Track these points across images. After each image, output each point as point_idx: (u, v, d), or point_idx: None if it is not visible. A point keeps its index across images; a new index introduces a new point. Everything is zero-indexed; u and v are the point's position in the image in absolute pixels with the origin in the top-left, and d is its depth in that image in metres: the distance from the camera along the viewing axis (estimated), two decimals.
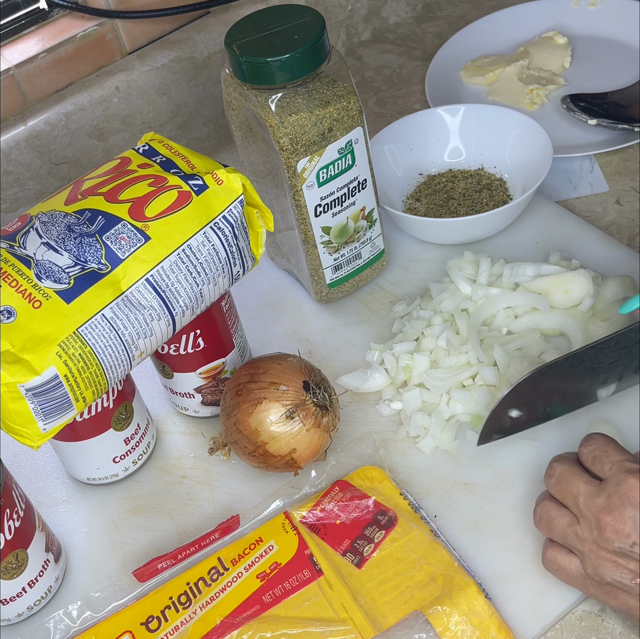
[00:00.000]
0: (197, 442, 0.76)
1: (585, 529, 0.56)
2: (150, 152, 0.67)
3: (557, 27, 1.09)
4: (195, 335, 0.71)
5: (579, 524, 0.56)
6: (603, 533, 0.54)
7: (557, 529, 0.58)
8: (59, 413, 0.60)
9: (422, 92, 1.07)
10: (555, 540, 0.59)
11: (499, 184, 0.90)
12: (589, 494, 0.56)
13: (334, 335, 0.82)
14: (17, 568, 0.63)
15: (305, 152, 0.71)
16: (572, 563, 0.57)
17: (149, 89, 0.99)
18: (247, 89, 0.71)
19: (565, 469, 0.58)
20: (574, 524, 0.57)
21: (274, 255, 0.88)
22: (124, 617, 0.64)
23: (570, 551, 0.58)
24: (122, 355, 0.62)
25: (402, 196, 0.91)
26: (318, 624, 0.61)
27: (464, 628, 0.60)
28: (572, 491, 0.57)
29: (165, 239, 0.62)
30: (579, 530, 0.56)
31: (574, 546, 0.57)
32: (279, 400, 0.66)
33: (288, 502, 0.69)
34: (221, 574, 0.65)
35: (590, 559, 0.55)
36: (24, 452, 0.77)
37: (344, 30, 1.14)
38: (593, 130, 0.95)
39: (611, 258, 0.82)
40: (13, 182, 0.96)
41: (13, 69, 0.93)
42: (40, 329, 0.58)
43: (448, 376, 0.73)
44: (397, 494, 0.68)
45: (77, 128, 0.97)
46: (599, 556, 0.55)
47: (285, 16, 0.71)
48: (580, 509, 0.56)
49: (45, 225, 0.62)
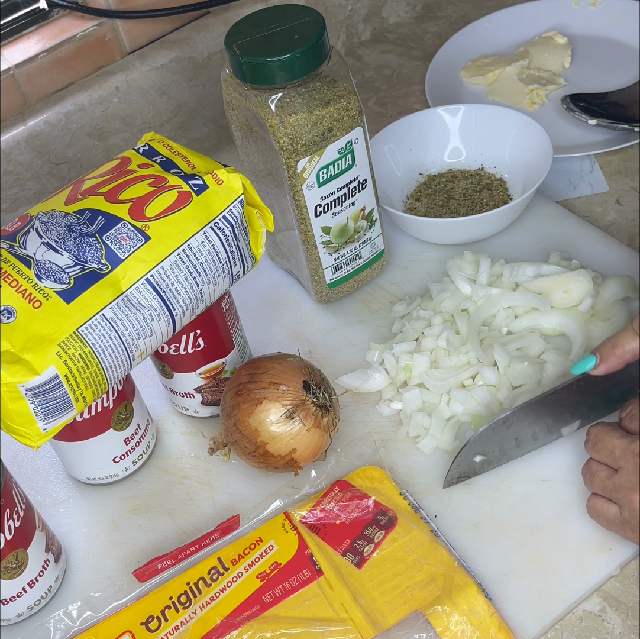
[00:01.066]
0: (197, 442, 0.76)
1: (623, 477, 0.59)
2: (150, 152, 0.67)
3: (557, 27, 1.09)
4: (195, 335, 0.71)
5: (616, 475, 0.59)
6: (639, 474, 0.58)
7: (597, 482, 0.61)
8: (59, 413, 0.60)
9: (422, 92, 1.07)
10: (597, 492, 0.62)
11: (499, 184, 0.90)
12: (624, 445, 0.59)
13: (334, 335, 0.82)
14: (17, 568, 0.63)
15: (305, 152, 0.71)
16: (611, 509, 0.61)
17: (149, 89, 0.99)
18: (247, 89, 0.71)
19: (599, 430, 0.62)
20: (612, 476, 0.60)
21: (274, 255, 0.88)
22: (124, 617, 0.64)
23: (610, 500, 0.61)
24: (122, 355, 0.62)
25: (402, 196, 0.91)
26: (318, 624, 0.61)
27: (464, 628, 0.60)
28: (607, 447, 0.60)
29: (166, 239, 0.62)
30: (617, 479, 0.59)
31: (612, 495, 0.60)
32: (279, 400, 0.66)
33: (288, 502, 0.69)
34: (221, 574, 0.65)
35: (627, 504, 0.59)
36: (24, 452, 0.77)
37: (344, 30, 1.14)
38: (593, 130, 0.95)
39: (611, 258, 0.82)
40: (13, 182, 0.96)
41: (13, 69, 0.93)
42: (41, 329, 0.58)
43: (448, 376, 0.73)
44: (397, 494, 0.68)
45: (77, 128, 0.97)
46: (634, 501, 0.58)
47: (285, 16, 0.71)
48: (617, 460, 0.60)
49: (45, 225, 0.62)
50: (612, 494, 0.60)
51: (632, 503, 0.58)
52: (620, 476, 0.59)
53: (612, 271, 0.80)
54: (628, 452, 0.59)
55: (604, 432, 0.61)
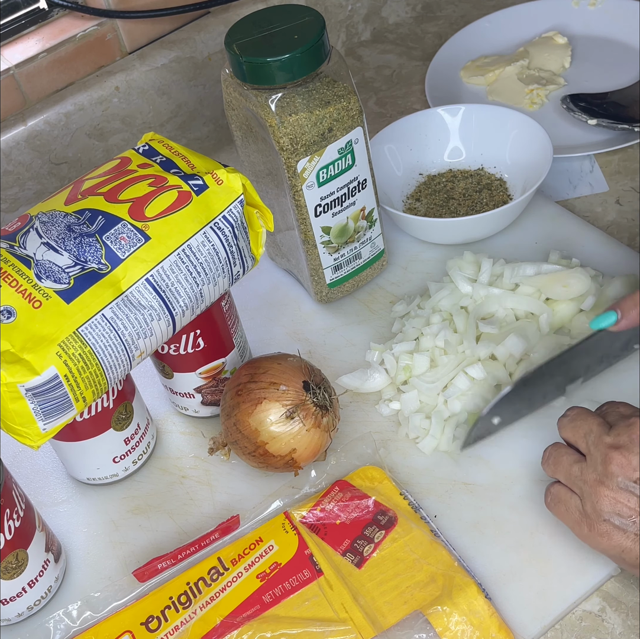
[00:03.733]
0: (197, 442, 0.76)
1: (590, 467, 0.57)
2: (150, 152, 0.67)
3: (557, 27, 1.09)
4: (195, 335, 0.71)
5: (584, 462, 0.58)
6: (608, 467, 0.56)
7: (563, 466, 0.59)
8: (59, 413, 0.60)
9: (422, 92, 1.07)
10: (559, 478, 0.60)
11: (499, 184, 0.90)
12: (600, 433, 0.58)
13: (334, 335, 0.82)
14: (17, 567, 0.63)
15: (305, 152, 0.71)
16: (572, 499, 0.59)
17: (149, 89, 0.99)
18: (247, 89, 0.71)
19: (582, 411, 0.61)
20: (580, 461, 0.58)
21: (274, 255, 0.88)
22: (124, 617, 0.64)
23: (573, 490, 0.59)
24: (122, 355, 0.62)
25: (402, 196, 0.91)
26: (318, 624, 0.61)
27: (464, 628, 0.60)
28: (584, 428, 0.59)
29: (165, 239, 0.62)
30: (584, 467, 0.58)
31: (576, 483, 0.58)
32: (279, 400, 0.66)
33: (288, 502, 0.69)
34: (221, 574, 0.65)
35: (590, 496, 0.57)
36: (24, 452, 0.77)
37: (344, 30, 1.14)
38: (593, 130, 0.95)
39: (611, 258, 0.82)
40: (13, 182, 0.96)
41: (13, 69, 0.93)
42: (40, 329, 0.58)
43: (442, 376, 0.73)
44: (397, 494, 0.68)
45: (77, 128, 0.97)
46: (599, 493, 0.56)
47: (285, 16, 0.71)
48: (589, 446, 0.58)
49: (45, 225, 0.62)
50: (576, 482, 0.58)
51: (595, 495, 0.56)
52: (588, 465, 0.57)
53: (612, 271, 0.80)
54: (600, 440, 0.57)
55: (586, 414, 0.60)
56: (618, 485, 0.55)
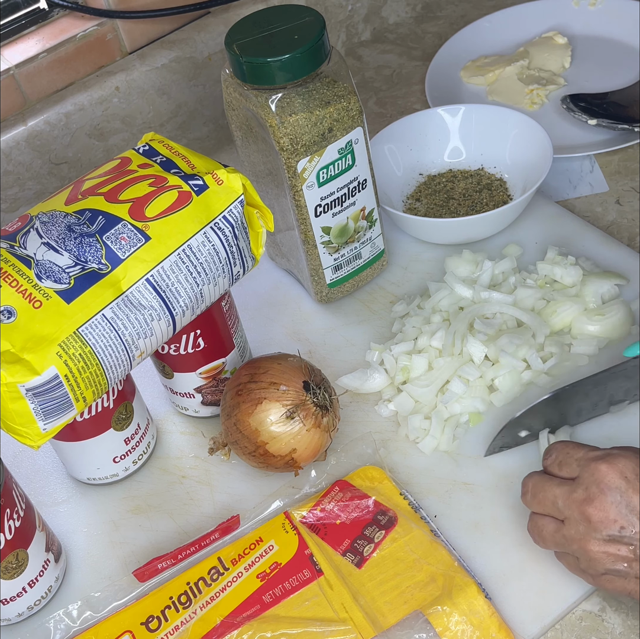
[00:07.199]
0: (197, 442, 0.76)
1: (571, 528, 0.56)
2: (151, 152, 0.67)
3: (557, 27, 1.09)
4: (196, 335, 0.71)
5: (564, 526, 0.57)
6: (590, 524, 0.55)
7: (548, 538, 0.59)
8: (59, 413, 0.60)
9: (422, 92, 1.07)
10: (551, 549, 0.60)
11: (499, 184, 0.90)
12: (566, 493, 0.57)
13: (334, 335, 0.82)
14: (17, 567, 0.63)
15: (305, 153, 0.71)
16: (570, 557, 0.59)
17: (149, 89, 0.99)
18: (247, 89, 0.71)
19: (536, 480, 0.59)
20: (560, 529, 0.57)
21: (274, 255, 0.88)
22: (124, 617, 0.64)
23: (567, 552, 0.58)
24: (122, 355, 0.62)
25: (402, 196, 0.91)
26: (318, 624, 0.61)
27: (464, 628, 0.60)
28: (548, 497, 0.58)
29: (166, 239, 0.62)
30: (566, 531, 0.57)
31: (565, 548, 0.58)
32: (279, 400, 0.66)
33: (288, 502, 0.69)
34: (221, 574, 0.65)
35: (582, 555, 0.56)
36: (24, 452, 0.77)
37: (344, 30, 1.14)
38: (593, 130, 0.95)
39: (611, 258, 0.82)
40: (13, 182, 0.96)
41: (13, 69, 0.93)
42: (41, 329, 0.58)
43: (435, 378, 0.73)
44: (397, 494, 0.68)
45: (77, 128, 0.97)
46: (589, 551, 0.55)
47: (285, 16, 0.71)
48: (562, 511, 0.57)
49: (45, 225, 0.62)
50: (566, 547, 0.57)
51: (586, 553, 0.56)
52: (568, 528, 0.57)
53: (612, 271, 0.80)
54: (571, 501, 0.56)
55: (541, 482, 0.59)
56: (603, 539, 0.55)
